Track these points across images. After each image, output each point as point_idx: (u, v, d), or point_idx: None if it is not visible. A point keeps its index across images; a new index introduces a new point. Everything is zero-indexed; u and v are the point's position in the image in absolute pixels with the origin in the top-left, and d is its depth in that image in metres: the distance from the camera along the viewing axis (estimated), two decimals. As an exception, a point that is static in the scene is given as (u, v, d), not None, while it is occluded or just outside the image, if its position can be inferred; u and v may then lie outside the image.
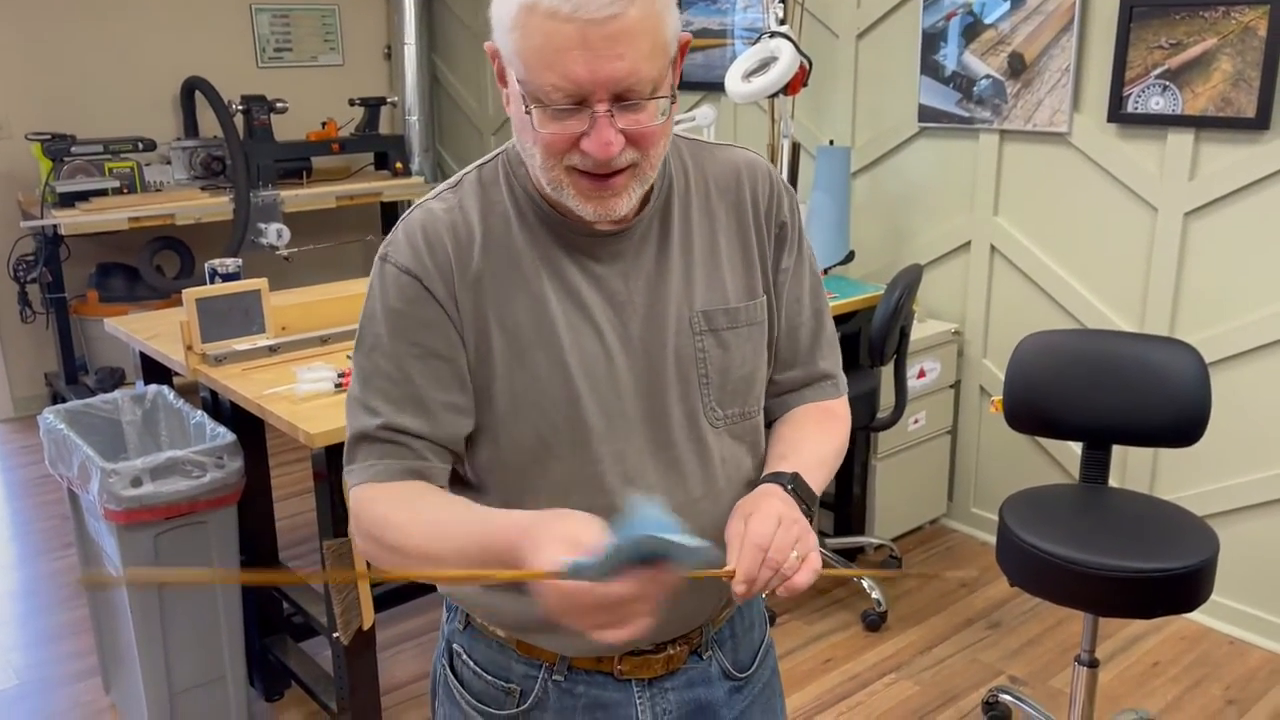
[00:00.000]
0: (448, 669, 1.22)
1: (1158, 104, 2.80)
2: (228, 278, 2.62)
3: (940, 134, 3.35)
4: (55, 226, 4.06)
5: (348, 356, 2.44)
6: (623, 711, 1.16)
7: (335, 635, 2.18)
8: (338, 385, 2.21)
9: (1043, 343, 2.32)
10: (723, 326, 1.11)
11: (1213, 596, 2.92)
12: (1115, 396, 2.24)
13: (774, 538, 0.98)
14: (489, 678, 1.18)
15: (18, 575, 3.30)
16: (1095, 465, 2.30)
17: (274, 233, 4.52)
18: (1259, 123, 2.62)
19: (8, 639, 2.93)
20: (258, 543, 2.60)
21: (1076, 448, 3.15)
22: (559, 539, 0.88)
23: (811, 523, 1.05)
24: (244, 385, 2.25)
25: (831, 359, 1.24)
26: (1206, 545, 2.01)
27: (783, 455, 1.13)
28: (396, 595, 2.69)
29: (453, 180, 1.11)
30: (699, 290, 1.10)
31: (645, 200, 1.08)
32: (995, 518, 3.40)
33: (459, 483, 1.14)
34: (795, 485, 1.08)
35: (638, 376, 1.08)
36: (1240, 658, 2.80)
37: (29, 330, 4.66)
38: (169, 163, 4.72)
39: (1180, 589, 1.95)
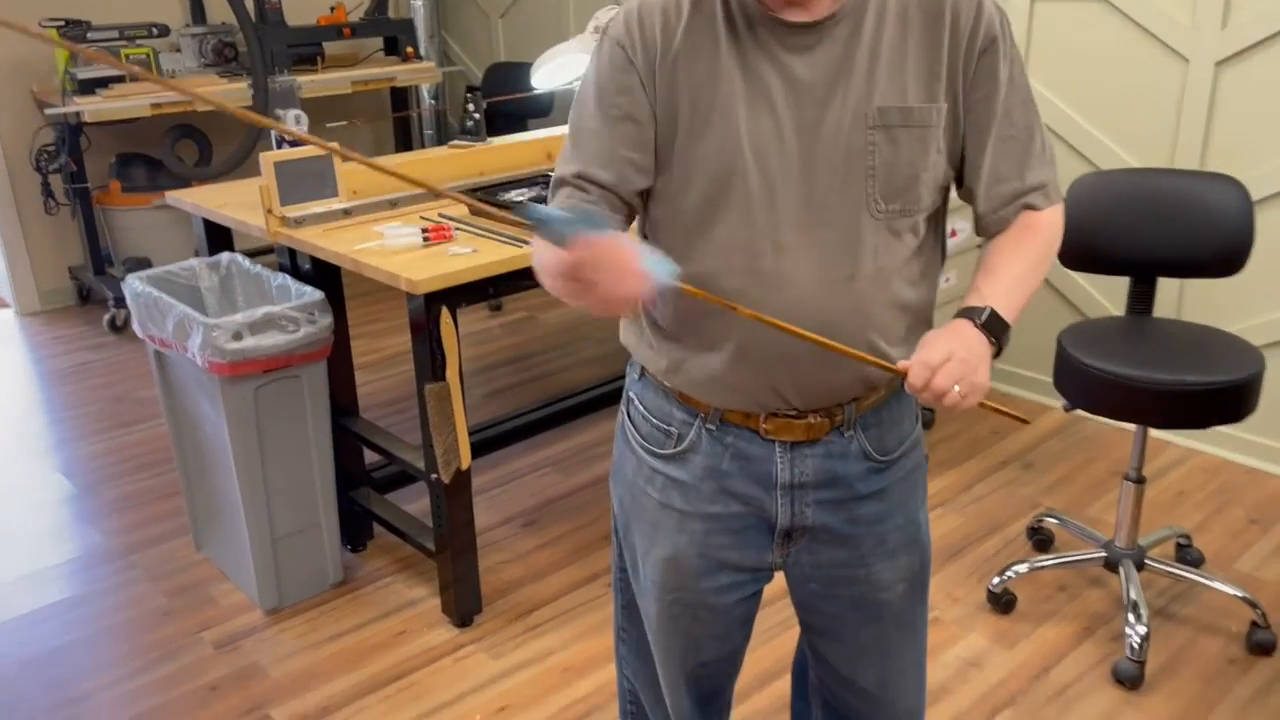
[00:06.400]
0: (625, 414, 1.41)
1: (1192, -47, 2.85)
2: (294, 145, 2.67)
3: (969, -5, 3.39)
4: (79, 114, 4.04)
5: (421, 217, 2.52)
6: (764, 466, 1.31)
7: (434, 476, 2.30)
8: (425, 240, 2.29)
9: (1094, 182, 2.42)
10: (896, 124, 1.19)
11: (1232, 430, 3.10)
12: (1161, 230, 2.36)
13: (940, 368, 1.11)
14: (654, 421, 1.36)
15: (74, 452, 3.39)
16: (1141, 299, 2.44)
17: (292, 118, 4.50)
18: (1293, -32, 2.69)
19: (87, 509, 3.04)
20: (342, 400, 2.70)
21: (1108, 304, 3.30)
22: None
23: (1002, 350, 1.18)
24: (330, 244, 2.33)
25: (1043, 171, 1.27)
26: (1253, 361, 2.16)
27: (977, 287, 1.22)
28: (486, 445, 2.82)
29: None
30: (879, 88, 1.18)
31: None
32: (1021, 373, 3.57)
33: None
34: (988, 320, 1.17)
35: (804, 158, 1.19)
36: (1259, 484, 3.00)
37: (52, 223, 4.66)
38: (179, 50, 4.67)
39: (1231, 400, 2.11)
